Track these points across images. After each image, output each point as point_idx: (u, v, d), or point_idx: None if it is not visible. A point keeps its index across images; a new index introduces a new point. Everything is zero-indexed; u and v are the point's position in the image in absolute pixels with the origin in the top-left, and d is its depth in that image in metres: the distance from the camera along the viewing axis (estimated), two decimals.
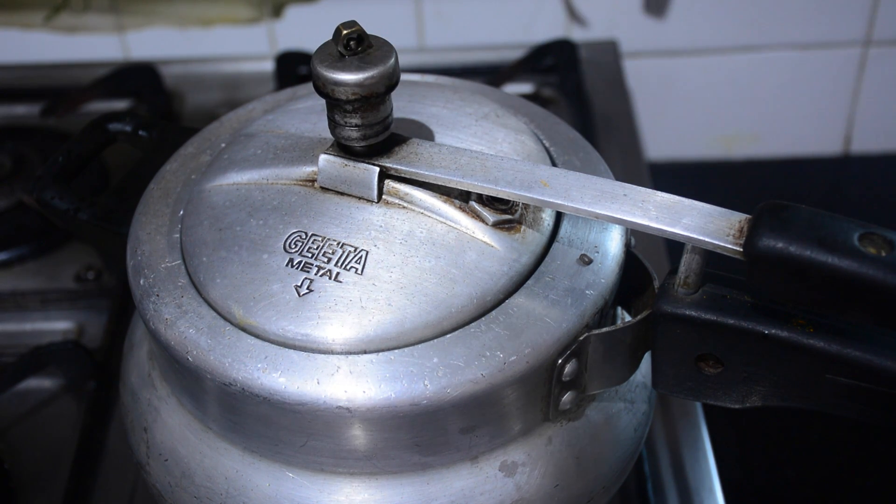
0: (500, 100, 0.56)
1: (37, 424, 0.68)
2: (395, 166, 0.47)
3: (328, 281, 0.45)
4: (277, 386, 0.42)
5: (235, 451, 0.47)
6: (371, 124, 0.46)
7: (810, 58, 1.03)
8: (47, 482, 0.64)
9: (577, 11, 1.00)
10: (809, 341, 0.42)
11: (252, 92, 0.95)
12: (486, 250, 0.46)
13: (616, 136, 0.91)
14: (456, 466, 0.46)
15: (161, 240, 0.49)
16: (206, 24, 1.00)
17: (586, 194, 0.45)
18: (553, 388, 0.46)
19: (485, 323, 0.44)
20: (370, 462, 0.45)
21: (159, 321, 0.45)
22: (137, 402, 0.51)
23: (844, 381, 0.42)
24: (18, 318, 0.76)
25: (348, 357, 0.43)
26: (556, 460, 0.47)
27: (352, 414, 0.42)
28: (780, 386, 0.44)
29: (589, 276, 0.46)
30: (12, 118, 0.95)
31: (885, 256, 0.38)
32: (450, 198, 0.47)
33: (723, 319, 0.43)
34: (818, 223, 0.40)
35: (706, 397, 0.47)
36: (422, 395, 0.42)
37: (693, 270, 0.44)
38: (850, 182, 1.07)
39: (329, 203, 0.48)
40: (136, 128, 0.58)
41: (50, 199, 0.55)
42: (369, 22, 0.47)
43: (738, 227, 0.42)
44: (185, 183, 0.52)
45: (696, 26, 1.00)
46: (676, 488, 0.63)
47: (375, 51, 0.44)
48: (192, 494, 0.48)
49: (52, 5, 0.98)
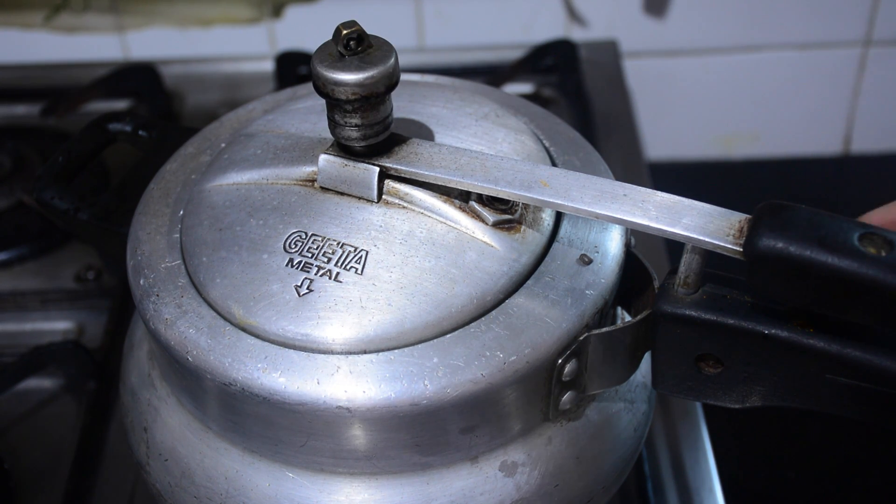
0: (500, 100, 0.56)
1: (37, 424, 0.68)
2: (395, 166, 0.47)
3: (328, 281, 0.45)
4: (277, 386, 0.42)
5: (235, 451, 0.47)
6: (371, 124, 0.46)
7: (810, 58, 1.03)
8: (47, 482, 0.64)
9: (577, 11, 1.00)
10: (809, 341, 0.42)
11: (252, 92, 0.95)
12: (486, 250, 0.46)
13: (616, 136, 0.91)
14: (456, 466, 0.46)
15: (161, 240, 0.49)
16: (206, 24, 1.00)
17: (586, 194, 0.45)
18: (553, 388, 0.46)
19: (485, 323, 0.44)
20: (370, 462, 0.45)
21: (159, 321, 0.45)
22: (137, 402, 0.51)
23: (844, 381, 0.42)
24: (18, 318, 0.76)
25: (348, 357, 0.43)
26: (556, 460, 0.47)
27: (352, 414, 0.42)
28: (780, 386, 0.44)
29: (589, 276, 0.46)
30: (12, 118, 0.95)
31: (885, 256, 0.38)
32: (450, 198, 0.47)
33: (723, 319, 0.43)
34: (818, 223, 0.40)
35: (706, 397, 0.47)
36: (422, 395, 0.42)
37: (693, 270, 0.44)
38: (850, 182, 1.07)
39: (329, 203, 0.48)
40: (137, 128, 0.58)
41: (50, 199, 0.55)
42: (369, 22, 0.47)
43: (738, 227, 0.42)
44: (184, 183, 0.52)
45: (696, 26, 1.00)
46: (676, 488, 0.63)
47: (375, 51, 0.44)
48: (191, 494, 0.48)
49: (52, 5, 0.98)
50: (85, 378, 0.69)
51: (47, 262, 0.79)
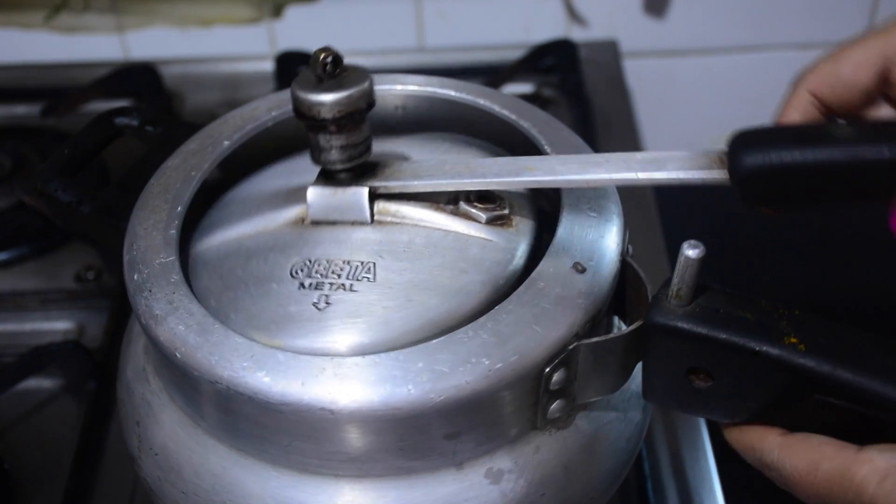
0: (505, 104, 0.56)
1: (37, 424, 0.68)
2: (384, 183, 0.48)
3: (345, 292, 0.45)
4: (262, 385, 0.42)
5: (223, 449, 0.47)
6: (355, 144, 0.47)
7: (810, 58, 1.02)
8: (47, 482, 0.64)
9: (577, 11, 1.00)
10: (800, 360, 0.42)
11: (252, 92, 0.95)
12: (487, 244, 0.47)
13: (616, 136, 0.91)
14: (441, 472, 0.46)
15: (157, 235, 0.49)
16: (206, 24, 1.00)
17: (571, 167, 0.46)
18: (541, 396, 0.45)
19: (472, 329, 0.43)
20: (354, 464, 0.45)
21: (150, 317, 0.45)
22: (131, 396, 0.52)
23: (834, 402, 0.42)
24: (18, 318, 0.76)
25: (333, 359, 0.43)
26: (543, 469, 0.47)
27: (335, 416, 0.42)
28: (770, 404, 0.44)
29: (581, 284, 0.45)
30: (12, 118, 0.95)
31: (856, 133, 0.41)
32: (440, 205, 0.48)
33: (714, 334, 0.43)
34: (789, 132, 0.42)
35: (696, 411, 0.46)
36: (405, 399, 0.42)
37: (686, 282, 0.43)
38: None
39: (324, 233, 0.48)
40: (143, 123, 0.59)
41: (53, 192, 0.55)
42: (369, 22, 0.47)
43: (717, 159, 0.44)
44: (184, 179, 0.52)
45: (696, 26, 1.00)
46: (676, 488, 0.63)
47: (350, 73, 0.46)
48: (179, 490, 0.48)
49: (52, 5, 0.98)
50: (85, 378, 0.69)
51: (47, 262, 0.79)
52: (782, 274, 0.93)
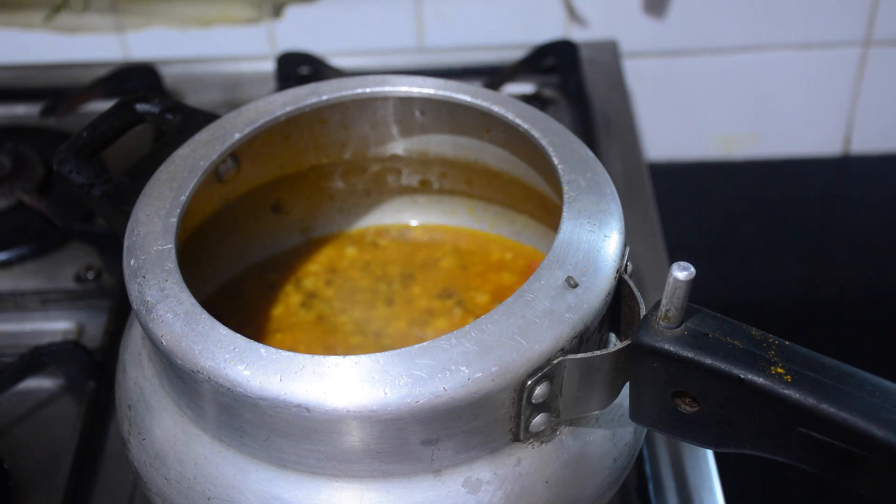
0: (517, 111, 0.55)
1: (37, 424, 0.68)
2: None
3: None
4: (241, 378, 0.42)
5: (206, 439, 0.47)
6: None
7: (810, 58, 1.03)
8: (47, 482, 0.64)
9: (577, 11, 1.00)
10: (785, 392, 0.41)
11: (252, 92, 0.95)
12: None
13: (616, 136, 0.91)
14: (418, 477, 0.45)
15: (158, 222, 0.49)
16: (206, 24, 1.00)
17: None
18: (523, 409, 0.44)
19: (455, 337, 0.43)
20: (331, 463, 0.45)
21: (141, 303, 0.46)
22: (126, 379, 0.52)
23: (818, 437, 0.41)
24: (18, 318, 0.76)
25: (313, 358, 0.43)
26: (523, 482, 0.46)
27: (310, 414, 0.42)
28: (753, 434, 0.43)
29: (571, 299, 0.45)
30: (12, 118, 0.95)
31: None
32: None
33: (700, 359, 0.42)
34: None
35: (682, 435, 0.46)
36: (380, 402, 0.41)
37: (675, 304, 0.43)
38: (850, 182, 1.07)
39: None
40: (164, 111, 0.59)
41: (68, 173, 0.56)
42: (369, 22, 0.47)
43: None
44: (191, 169, 0.52)
45: (696, 26, 1.00)
46: (676, 488, 0.63)
47: None
48: (163, 476, 0.48)
49: (52, 5, 0.98)
50: (85, 378, 0.69)
51: (47, 262, 0.79)
52: (782, 274, 0.93)
